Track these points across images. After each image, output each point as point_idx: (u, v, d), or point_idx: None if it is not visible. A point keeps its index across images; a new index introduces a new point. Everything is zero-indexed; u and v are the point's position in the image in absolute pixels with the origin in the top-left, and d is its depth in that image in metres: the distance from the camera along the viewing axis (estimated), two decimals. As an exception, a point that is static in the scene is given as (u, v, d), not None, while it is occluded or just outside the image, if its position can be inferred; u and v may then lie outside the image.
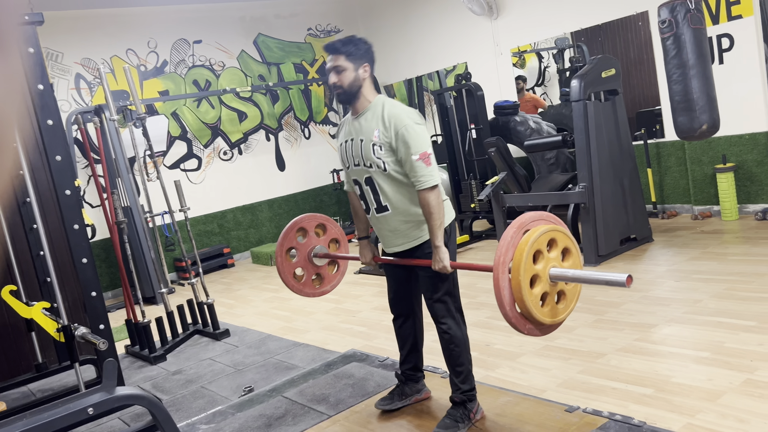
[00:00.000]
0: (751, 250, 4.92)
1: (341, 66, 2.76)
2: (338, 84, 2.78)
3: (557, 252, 2.44)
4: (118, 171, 6.59)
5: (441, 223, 2.72)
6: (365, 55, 2.80)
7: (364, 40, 2.83)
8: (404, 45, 9.09)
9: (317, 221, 3.57)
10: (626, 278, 2.20)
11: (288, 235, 3.49)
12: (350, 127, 2.90)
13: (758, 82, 5.71)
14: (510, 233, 2.39)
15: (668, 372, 3.14)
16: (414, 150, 2.66)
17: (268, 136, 9.00)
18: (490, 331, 4.17)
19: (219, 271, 8.17)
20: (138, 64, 8.00)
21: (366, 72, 2.79)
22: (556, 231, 2.42)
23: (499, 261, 2.35)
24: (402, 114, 2.71)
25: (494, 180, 5.90)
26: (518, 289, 2.31)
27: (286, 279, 3.52)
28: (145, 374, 4.58)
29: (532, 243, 2.32)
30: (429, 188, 2.68)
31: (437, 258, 2.72)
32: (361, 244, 3.21)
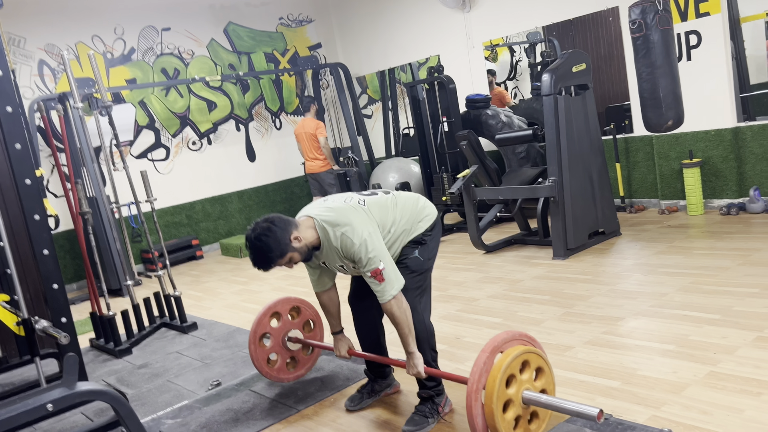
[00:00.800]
0: (715, 244, 5.00)
1: (283, 263, 2.72)
2: (297, 262, 2.76)
3: (530, 373, 2.47)
4: (82, 160, 6.44)
5: (410, 330, 2.72)
6: (282, 237, 2.65)
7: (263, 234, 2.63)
8: (377, 36, 9.04)
9: (291, 304, 3.56)
10: (597, 413, 2.23)
11: (261, 321, 3.48)
12: (320, 256, 2.85)
13: (724, 80, 5.80)
14: (483, 358, 2.40)
15: (634, 365, 3.18)
16: (366, 269, 2.68)
17: (238, 126, 8.89)
18: (459, 324, 4.18)
19: (187, 263, 8.06)
20: (104, 51, 7.82)
21: (298, 239, 2.69)
22: (530, 353, 2.45)
23: (472, 388, 2.36)
24: (348, 241, 2.67)
25: (465, 173, 5.91)
26: (491, 417, 2.33)
27: (260, 366, 3.50)
28: (109, 368, 4.49)
29: (506, 368, 2.34)
30: (387, 301, 2.69)
31: (411, 363, 2.77)
32: (336, 339, 3.18)
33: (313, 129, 7.63)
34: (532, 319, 4.04)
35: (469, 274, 5.35)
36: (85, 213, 4.70)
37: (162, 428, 3.30)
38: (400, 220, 2.87)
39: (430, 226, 2.95)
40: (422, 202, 3.00)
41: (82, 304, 6.68)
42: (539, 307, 4.23)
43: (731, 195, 5.97)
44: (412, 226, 2.90)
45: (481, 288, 4.89)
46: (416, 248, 2.91)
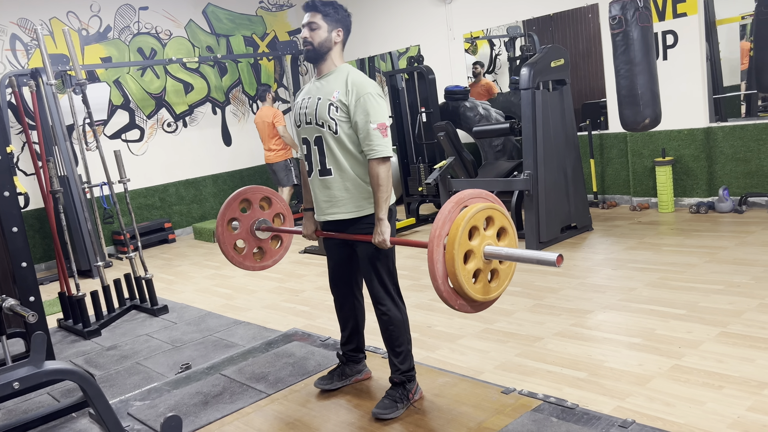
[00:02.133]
0: (684, 241, 5.10)
1: (316, 23, 2.75)
2: (309, 40, 2.76)
3: (494, 230, 2.46)
4: (55, 138, 6.32)
5: (388, 196, 2.72)
6: (341, 21, 2.80)
7: (344, 8, 2.83)
8: (358, 24, 8.98)
9: (262, 194, 3.50)
10: (556, 257, 2.24)
11: (231, 205, 3.41)
12: (311, 86, 2.87)
13: (699, 80, 5.90)
14: (448, 208, 2.39)
15: (602, 357, 3.24)
16: (373, 118, 2.66)
17: (214, 110, 8.80)
18: (431, 313, 4.21)
19: (159, 246, 7.98)
20: (79, 27, 7.66)
21: (339, 36, 2.80)
22: (494, 209, 2.44)
23: (434, 234, 2.35)
24: (366, 82, 2.71)
25: (442, 164, 5.93)
26: (452, 263, 2.31)
27: (226, 250, 3.44)
28: (77, 349, 4.44)
29: (469, 219, 2.34)
30: (381, 159, 2.68)
31: (378, 231, 2.71)
32: (306, 216, 3.15)
33: (270, 118, 7.39)
34: (503, 309, 4.09)
35: (443, 264, 5.38)
36: (56, 192, 4.62)
37: (130, 410, 3.27)
38: None
39: (393, 202, 2.94)
40: None
41: (50, 284, 6.58)
42: (510, 298, 4.27)
43: (701, 194, 6.08)
44: None
45: (454, 278, 4.92)
46: None
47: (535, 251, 2.37)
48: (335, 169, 2.79)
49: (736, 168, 5.87)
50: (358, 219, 2.85)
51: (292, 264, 6.09)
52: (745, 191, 5.84)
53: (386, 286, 2.87)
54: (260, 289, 5.39)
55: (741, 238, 4.95)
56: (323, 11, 2.75)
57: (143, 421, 3.14)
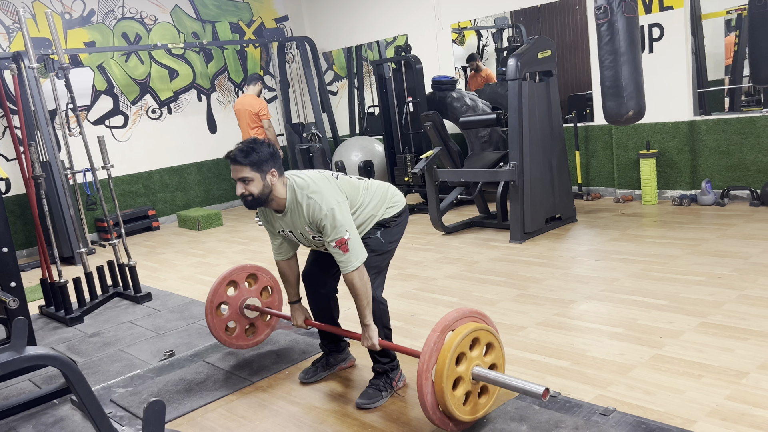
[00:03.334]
0: (666, 233, 5.16)
1: (248, 177, 2.65)
2: (247, 194, 2.69)
3: (480, 350, 2.50)
4: (37, 123, 6.25)
5: (368, 302, 2.75)
6: (269, 160, 2.68)
7: (265, 144, 2.69)
8: (345, 12, 8.95)
9: (247, 272, 3.53)
10: (543, 391, 2.28)
11: (217, 291, 3.44)
12: (282, 222, 2.85)
13: (684, 73, 5.94)
14: (434, 338, 2.42)
15: (584, 346, 3.27)
16: (330, 237, 2.67)
17: (199, 96, 8.72)
18: (416, 302, 4.22)
19: (143, 234, 7.92)
20: (62, 11, 7.55)
21: (274, 176, 2.69)
22: (480, 330, 2.48)
23: (422, 367, 2.38)
24: (316, 206, 2.67)
25: (428, 154, 5.93)
26: (441, 395, 2.37)
27: (218, 335, 3.48)
28: (59, 336, 4.41)
29: (456, 347, 2.37)
30: (350, 272, 2.69)
31: (366, 336, 2.79)
32: (293, 308, 3.18)
33: (256, 108, 7.06)
34: (487, 299, 4.11)
35: (428, 254, 5.40)
36: (38, 177, 4.57)
37: (113, 396, 3.26)
38: (368, 204, 2.89)
39: (397, 213, 2.97)
40: (392, 190, 3.05)
41: (32, 271, 6.52)
42: (494, 288, 4.30)
43: (684, 186, 6.14)
44: (378, 211, 2.93)
45: (439, 268, 4.95)
46: (379, 230, 2.93)
47: (522, 381, 2.39)
48: None
49: (719, 161, 5.93)
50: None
51: (277, 252, 6.07)
52: (728, 184, 5.91)
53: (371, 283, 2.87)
54: (245, 278, 5.37)
55: (722, 231, 5.01)
56: (249, 162, 2.63)
57: (126, 407, 3.12)
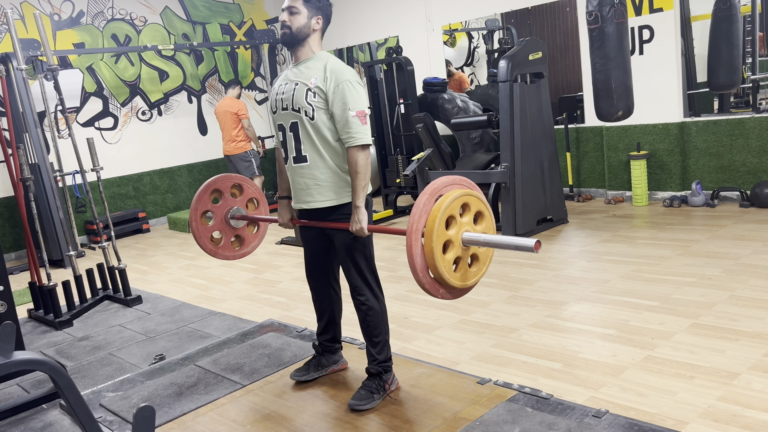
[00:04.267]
0: (657, 234, 5.17)
1: (296, 8, 2.71)
2: (288, 24, 2.72)
3: (470, 216, 2.46)
4: (25, 125, 6.19)
5: (366, 184, 2.70)
6: (322, 9, 2.77)
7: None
8: (336, 13, 8.91)
9: (233, 181, 3.45)
10: (534, 243, 2.25)
11: (202, 198, 3.36)
12: (289, 72, 2.83)
13: (674, 75, 5.97)
14: (423, 200, 2.38)
15: (576, 348, 3.27)
16: (352, 106, 2.64)
17: (190, 98, 8.69)
18: (408, 304, 4.21)
19: (133, 236, 7.88)
20: (51, 12, 7.50)
21: (318, 24, 2.76)
22: (469, 195, 2.44)
23: (412, 228, 2.35)
24: (345, 70, 2.69)
25: (420, 156, 5.93)
26: (431, 256, 2.32)
27: (203, 243, 3.40)
28: (48, 339, 4.36)
29: (445, 209, 2.33)
30: (360, 146, 2.66)
31: (356, 219, 2.70)
32: (281, 204, 3.11)
33: (235, 109, 7.33)
34: (480, 301, 4.10)
35: (420, 255, 5.39)
36: (27, 179, 4.53)
37: (102, 401, 3.23)
38: None
39: (371, 192, 2.94)
40: None
41: (21, 274, 6.46)
42: (486, 290, 4.30)
43: (675, 188, 6.17)
44: None
45: (431, 270, 4.93)
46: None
47: (513, 237, 2.38)
48: (311, 155, 2.76)
49: (709, 163, 5.96)
50: (335, 208, 2.83)
51: (269, 255, 6.06)
52: (718, 186, 5.94)
53: (364, 275, 2.86)
54: (236, 280, 5.34)
55: (713, 232, 5.03)
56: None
57: (116, 412, 3.10)
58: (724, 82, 6.15)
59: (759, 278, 3.91)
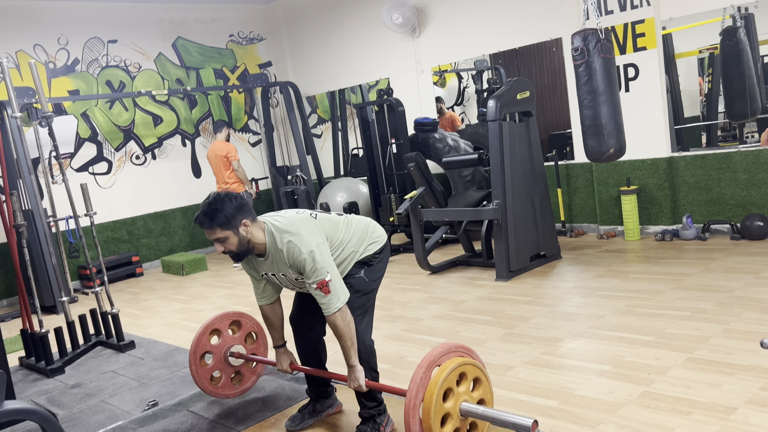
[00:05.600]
0: (650, 269, 5.19)
1: (221, 237, 2.65)
2: (227, 251, 2.69)
3: (467, 385, 2.50)
4: (19, 172, 6.23)
5: (353, 342, 2.74)
6: (237, 213, 2.65)
7: (228, 198, 2.66)
8: (328, 57, 9.09)
9: (230, 319, 3.51)
10: (531, 423, 2.28)
11: (200, 341, 3.40)
12: (264, 266, 2.85)
13: (660, 111, 6.07)
14: (420, 374, 2.41)
15: (572, 385, 3.25)
16: (311, 280, 2.67)
17: (184, 142, 8.76)
18: (404, 344, 4.19)
19: (127, 280, 7.84)
20: (46, 60, 7.61)
21: (247, 225, 2.68)
22: (467, 364, 2.48)
23: (409, 405, 2.38)
24: (296, 249, 2.67)
25: (413, 194, 5.97)
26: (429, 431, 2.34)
27: (203, 386, 3.44)
28: (40, 388, 4.31)
29: (442, 382, 2.37)
30: (332, 313, 2.69)
31: (352, 377, 2.78)
32: (278, 353, 3.15)
33: (224, 152, 7.36)
34: (475, 339, 4.09)
35: (415, 294, 5.39)
36: (20, 226, 4.53)
37: (94, 450, 3.18)
38: (349, 241, 2.88)
39: (379, 249, 2.97)
40: (373, 225, 3.04)
41: (12, 321, 6.40)
42: (482, 328, 4.28)
43: (666, 222, 6.21)
44: (360, 247, 2.92)
45: (426, 308, 4.93)
46: (363, 269, 2.92)
47: (511, 414, 2.39)
48: None
49: (699, 196, 6.02)
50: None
51: (263, 296, 6.02)
52: (708, 219, 5.98)
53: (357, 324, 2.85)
54: (230, 323, 5.31)
55: (705, 265, 5.05)
56: (218, 223, 2.62)
57: (108, 461, 3.04)
58: (742, 111, 6.12)
59: (752, 311, 3.92)
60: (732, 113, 6.21)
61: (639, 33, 6.00)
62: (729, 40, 5.88)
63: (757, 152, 5.67)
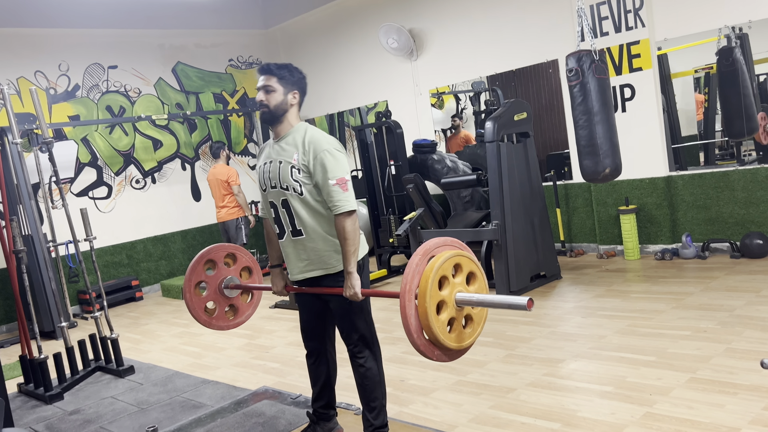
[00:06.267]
0: (651, 288, 5.18)
1: (271, 86, 2.77)
2: (264, 103, 2.78)
3: (463, 277, 2.48)
4: (19, 197, 6.24)
5: (355, 249, 2.72)
6: (297, 83, 2.84)
7: (299, 70, 2.88)
8: (327, 80, 9.16)
9: (226, 251, 3.47)
10: (527, 301, 2.26)
11: (195, 269, 3.38)
12: (271, 150, 2.89)
13: (657, 130, 6.10)
14: (415, 261, 2.40)
15: (574, 406, 3.23)
16: (331, 174, 2.68)
17: (184, 165, 8.79)
18: (404, 366, 4.17)
19: (126, 305, 7.82)
20: (47, 87, 7.66)
21: (294, 99, 2.83)
22: (461, 256, 2.46)
23: (405, 289, 2.36)
24: (322, 139, 2.74)
25: (412, 215, 5.98)
26: (425, 317, 2.32)
27: (197, 315, 3.40)
28: (38, 414, 4.28)
29: (437, 269, 2.35)
30: (345, 213, 2.68)
31: (349, 284, 2.71)
32: (273, 273, 3.13)
33: (225, 176, 7.30)
34: (476, 361, 4.07)
35: (415, 316, 5.36)
36: (20, 251, 4.53)
37: (93, 478, 3.15)
38: None
39: (366, 252, 2.96)
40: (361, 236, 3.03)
41: (11, 347, 6.37)
42: (483, 349, 4.26)
43: (665, 241, 6.21)
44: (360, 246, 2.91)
45: (426, 330, 4.90)
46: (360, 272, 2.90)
47: (506, 296, 2.39)
48: (306, 229, 2.80)
49: (698, 215, 6.03)
50: (332, 275, 2.85)
51: (263, 319, 6.01)
52: (707, 237, 5.99)
53: (363, 336, 2.86)
54: (229, 347, 5.29)
55: (705, 284, 5.05)
56: (278, 74, 2.78)
57: (106, 488, 3.01)
58: (740, 130, 6.17)
59: (754, 329, 3.90)
60: (731, 132, 6.24)
61: (634, 54, 6.05)
62: (726, 60, 5.93)
63: (754, 171, 5.69)
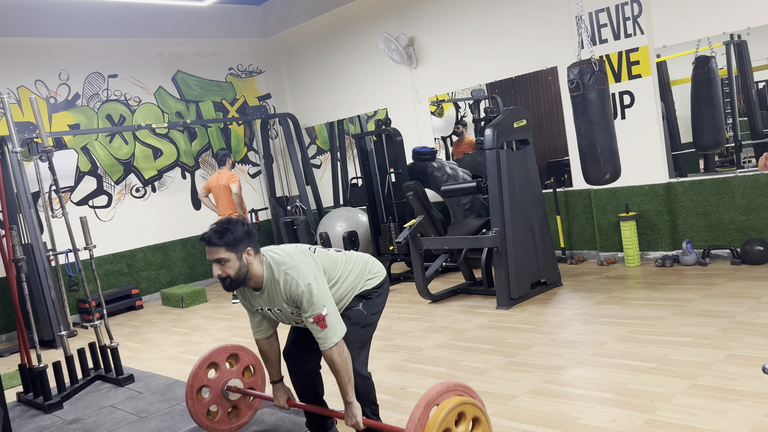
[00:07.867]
0: (651, 295, 5.17)
1: (223, 258, 2.64)
2: (223, 276, 2.67)
3: (466, 425, 2.47)
4: (19, 206, 6.24)
5: (349, 378, 2.72)
6: (245, 239, 2.68)
7: (240, 223, 2.71)
8: (326, 88, 9.19)
9: (228, 352, 3.48)
10: None
11: (198, 374, 3.38)
12: (259, 300, 2.84)
13: (656, 137, 6.11)
14: (417, 414, 2.39)
15: (575, 413, 3.21)
16: (309, 313, 2.67)
17: (184, 174, 8.79)
18: (405, 374, 4.15)
19: (126, 313, 7.80)
20: (47, 96, 7.68)
21: (250, 255, 2.69)
22: (465, 404, 2.45)
23: None
24: (294, 282, 2.67)
25: (412, 223, 5.97)
26: None
27: (200, 420, 3.40)
28: (37, 424, 4.26)
29: (440, 423, 2.34)
30: (329, 348, 2.68)
31: (350, 414, 2.75)
32: (275, 388, 3.14)
33: (227, 181, 7.18)
34: (476, 368, 4.05)
35: (415, 323, 5.36)
36: (19, 260, 4.53)
37: (92, 487, 3.13)
38: (347, 277, 2.88)
39: (377, 284, 2.98)
40: (372, 261, 3.04)
41: (11, 356, 6.36)
42: (483, 357, 4.25)
43: (665, 247, 6.20)
44: (358, 283, 2.92)
45: (427, 337, 4.90)
46: (361, 302, 2.92)
47: None
48: None
49: (698, 222, 6.02)
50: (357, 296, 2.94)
51: (263, 328, 5.99)
52: (708, 244, 5.98)
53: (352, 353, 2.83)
54: (230, 355, 5.27)
55: (706, 290, 5.04)
56: (224, 243, 2.63)
57: (105, 498, 3.00)
58: (709, 143, 6.32)
59: (755, 336, 3.89)
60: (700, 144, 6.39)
61: (633, 61, 6.07)
62: (701, 68, 6.00)
63: (754, 177, 5.69)
